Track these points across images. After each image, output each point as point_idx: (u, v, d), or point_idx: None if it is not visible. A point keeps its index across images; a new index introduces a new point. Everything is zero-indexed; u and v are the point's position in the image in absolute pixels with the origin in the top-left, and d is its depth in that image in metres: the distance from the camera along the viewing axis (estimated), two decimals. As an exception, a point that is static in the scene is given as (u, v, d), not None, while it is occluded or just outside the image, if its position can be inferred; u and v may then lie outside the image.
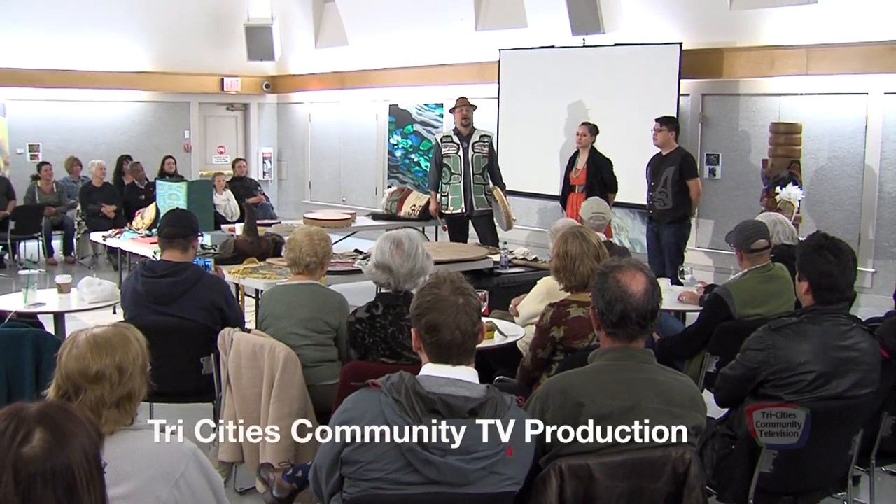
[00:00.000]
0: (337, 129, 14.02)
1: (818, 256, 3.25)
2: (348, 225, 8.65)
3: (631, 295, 2.57)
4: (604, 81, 9.66)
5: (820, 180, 8.47)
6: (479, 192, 8.77)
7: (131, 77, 13.34)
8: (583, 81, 9.86)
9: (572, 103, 9.93)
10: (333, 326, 4.14)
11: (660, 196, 7.85)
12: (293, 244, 4.27)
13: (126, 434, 2.14)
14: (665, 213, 7.86)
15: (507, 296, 5.34)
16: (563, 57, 10.09)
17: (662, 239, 7.94)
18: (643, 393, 2.53)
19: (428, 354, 2.36)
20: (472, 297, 2.39)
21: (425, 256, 3.75)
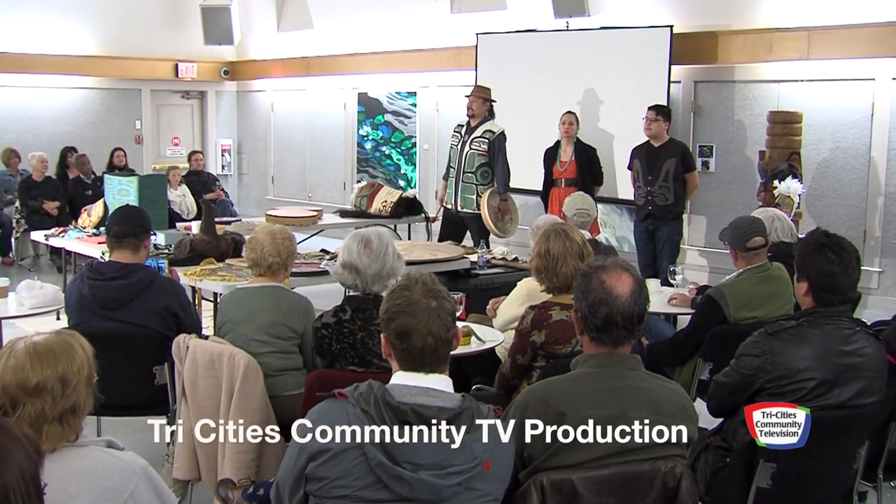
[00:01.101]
0: (302, 119, 13.97)
1: (818, 255, 3.26)
2: (314, 223, 8.63)
3: (616, 297, 2.58)
4: (589, 68, 9.70)
5: (822, 173, 8.53)
6: (467, 192, 8.63)
7: (76, 61, 13.22)
8: (566, 68, 9.89)
9: (555, 91, 9.95)
10: (298, 332, 4.13)
11: (660, 191, 7.86)
12: (254, 244, 4.25)
13: (69, 451, 2.12)
14: (667, 209, 7.89)
15: (485, 298, 5.34)
16: (545, 41, 10.11)
17: (660, 237, 7.95)
18: (630, 402, 2.54)
19: (399, 362, 2.36)
20: (446, 299, 2.39)
21: (396, 257, 3.76)
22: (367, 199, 9.23)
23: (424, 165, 12.21)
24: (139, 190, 7.82)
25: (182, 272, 5.75)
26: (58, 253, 8.95)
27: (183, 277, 5.62)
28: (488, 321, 4.90)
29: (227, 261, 6.16)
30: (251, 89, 14.85)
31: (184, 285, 5.07)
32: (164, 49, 13.94)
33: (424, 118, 12.16)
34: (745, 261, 4.66)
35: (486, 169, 8.56)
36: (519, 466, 2.52)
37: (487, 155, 8.54)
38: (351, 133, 13.17)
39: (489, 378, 4.25)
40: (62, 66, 13.10)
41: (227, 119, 15.18)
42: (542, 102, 10.07)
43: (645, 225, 8.08)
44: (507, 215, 8.67)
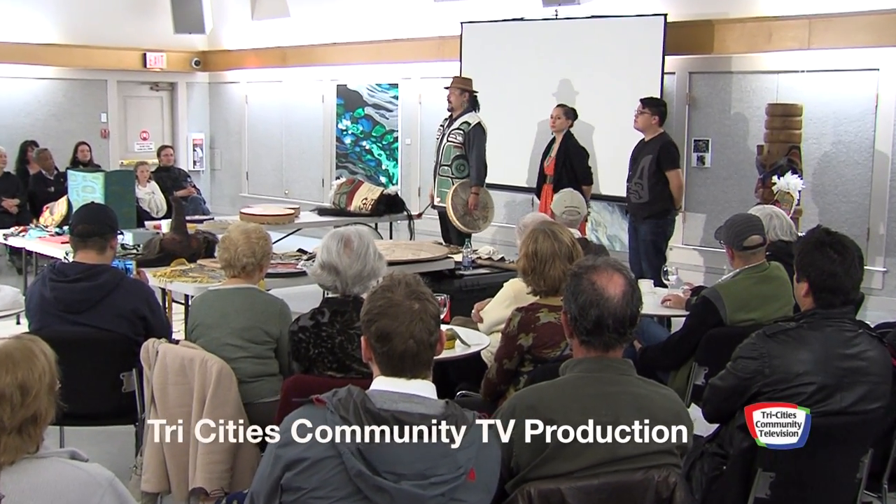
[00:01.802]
0: (278, 112, 13.95)
1: (819, 254, 3.27)
2: (291, 221, 8.62)
3: (607, 299, 2.59)
4: (579, 59, 9.72)
5: (823, 168, 8.57)
6: (443, 186, 8.86)
7: (36, 50, 13.14)
8: (555, 59, 9.91)
9: (543, 83, 9.96)
10: (273, 336, 4.13)
11: (635, 188, 7.91)
12: (228, 243, 4.25)
13: (30, 463, 2.11)
14: (641, 207, 7.91)
15: (470, 300, 5.36)
16: (533, 31, 10.13)
17: (639, 236, 7.99)
18: (622, 408, 2.54)
19: (379, 366, 2.37)
20: (430, 302, 2.40)
21: (377, 257, 3.76)
22: (347, 197, 9.23)
23: (407, 161, 12.21)
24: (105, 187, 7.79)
25: (151, 273, 5.73)
26: (18, 253, 8.90)
27: (152, 279, 5.61)
28: (473, 324, 4.90)
29: (198, 261, 6.14)
30: (224, 81, 14.81)
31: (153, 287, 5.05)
32: (131, 38, 13.89)
33: (406, 111, 12.15)
34: (742, 260, 4.68)
35: (462, 161, 8.71)
36: (505, 476, 2.52)
37: (463, 147, 8.68)
38: (329, 127, 13.16)
39: (474, 384, 4.25)
40: (22, 54, 13.01)
41: (199, 112, 15.13)
42: (530, 95, 10.09)
43: (628, 222, 8.20)
44: (480, 210, 8.75)
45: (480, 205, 8.82)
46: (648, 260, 7.80)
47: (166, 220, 7.71)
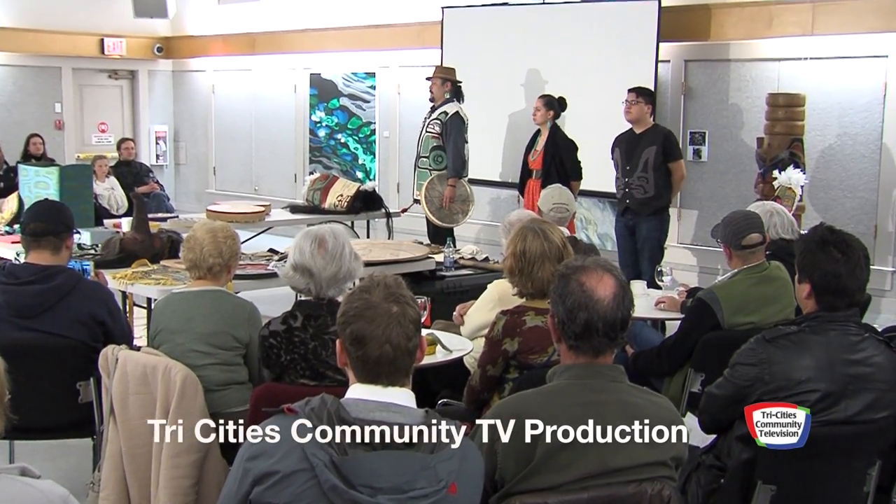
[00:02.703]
0: (247, 102, 13.92)
1: (822, 253, 3.28)
2: (261, 219, 8.60)
3: (597, 301, 2.59)
4: (567, 46, 9.73)
5: (827, 162, 8.61)
6: (421, 178, 8.98)
7: (-16, 35, 13.11)
8: (542, 46, 9.92)
9: (530, 72, 9.99)
10: (242, 342, 4.13)
11: (638, 182, 7.91)
12: (193, 243, 4.24)
13: (-23, 480, 2.10)
14: (645, 203, 7.93)
15: (452, 302, 5.36)
16: (519, 16, 10.15)
17: (640, 234, 8.00)
18: (612, 418, 2.55)
19: (354, 372, 2.37)
20: (410, 306, 2.40)
21: (353, 257, 3.76)
22: (321, 193, 9.22)
23: (385, 155, 12.21)
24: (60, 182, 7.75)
25: (110, 275, 5.71)
26: (-34, 254, 8.84)
27: (111, 281, 5.59)
28: (455, 328, 4.91)
29: (161, 262, 6.13)
30: (189, 69, 14.77)
31: (112, 290, 5.05)
32: (87, 21, 13.81)
33: (384, 102, 12.15)
34: (740, 260, 4.70)
35: (440, 153, 8.85)
36: (489, 490, 2.53)
37: (440, 137, 8.80)
38: (302, 119, 13.14)
39: (457, 391, 4.26)
40: (-33, 40, 12.97)
41: (162, 102, 15.08)
42: (515, 84, 10.11)
43: (624, 220, 8.14)
44: (458, 203, 8.80)
45: (459, 198, 8.87)
46: (652, 260, 7.82)
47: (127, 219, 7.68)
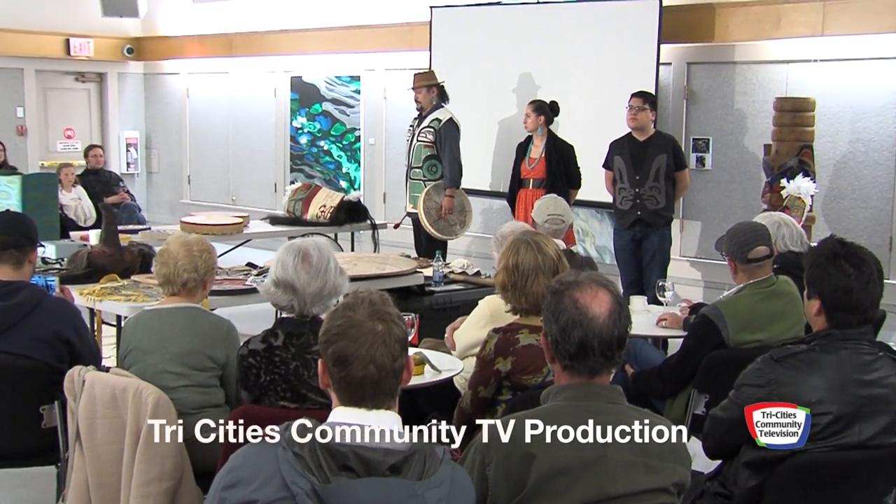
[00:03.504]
0: (224, 107, 13.91)
1: (832, 267, 3.28)
2: (239, 231, 8.60)
3: (592, 318, 2.60)
4: (563, 48, 9.74)
5: (838, 170, 8.62)
6: (415, 190, 9.01)
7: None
8: (536, 48, 9.93)
9: (523, 76, 9.99)
10: (219, 362, 4.14)
11: (651, 192, 7.90)
12: (166, 257, 4.24)
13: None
14: (659, 214, 7.96)
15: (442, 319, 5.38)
16: (512, 16, 10.16)
17: (648, 247, 8.00)
18: (611, 441, 2.56)
19: (337, 394, 2.38)
20: (396, 323, 2.40)
21: (338, 272, 3.76)
22: (303, 204, 9.22)
23: (370, 163, 12.21)
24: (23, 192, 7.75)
25: (77, 291, 5.70)
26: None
27: (78, 297, 5.57)
28: (445, 347, 4.92)
29: (132, 277, 6.12)
30: (161, 71, 14.76)
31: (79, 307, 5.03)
32: (52, 20, 13.77)
33: (370, 107, 12.16)
34: (746, 274, 4.71)
35: (435, 162, 8.90)
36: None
37: (434, 146, 8.85)
38: (283, 125, 13.14)
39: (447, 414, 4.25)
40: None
41: (133, 107, 15.06)
42: (508, 89, 10.11)
43: (631, 233, 8.09)
44: (455, 214, 8.83)
45: (457, 208, 8.91)
46: (663, 272, 7.88)
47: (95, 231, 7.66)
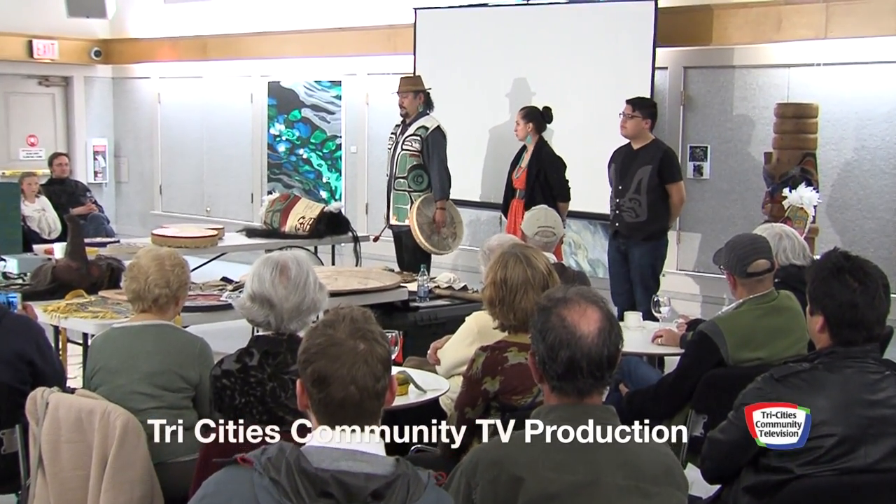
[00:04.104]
0: (197, 114, 13.90)
1: (836, 282, 3.30)
2: (213, 244, 8.60)
3: (580, 337, 2.61)
4: (554, 52, 9.75)
5: (843, 179, 8.63)
6: (399, 201, 8.96)
7: None
8: (526, 51, 9.94)
9: (512, 81, 10.00)
10: (192, 382, 4.14)
11: (630, 204, 7.95)
12: (136, 271, 4.24)
13: None
14: (637, 228, 7.97)
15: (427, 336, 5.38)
16: (500, 18, 10.17)
17: (632, 260, 8.04)
18: (603, 464, 2.57)
19: (316, 416, 2.38)
20: (379, 343, 2.41)
21: (317, 287, 3.77)
22: (281, 215, 9.22)
23: (352, 172, 12.20)
24: (-17, 203, 7.73)
25: (41, 308, 5.69)
26: None
27: (42, 315, 5.56)
28: (430, 365, 4.91)
29: (100, 293, 6.11)
30: (131, 75, 14.74)
31: (43, 325, 5.02)
32: (13, 21, 13.70)
33: (351, 114, 12.16)
34: (745, 289, 4.72)
35: (420, 172, 8.86)
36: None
37: (420, 155, 8.81)
38: (259, 132, 13.13)
39: (432, 436, 4.26)
40: None
41: (101, 113, 15.03)
42: (495, 94, 10.10)
43: (616, 244, 8.20)
44: (447, 227, 8.83)
45: (448, 220, 8.88)
46: (646, 288, 7.85)
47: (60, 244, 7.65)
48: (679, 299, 8.52)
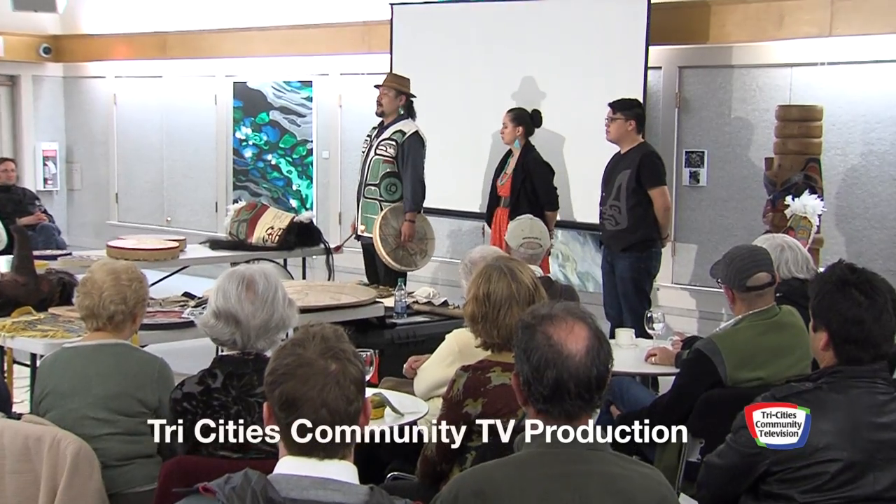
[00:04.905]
0: (157, 116, 13.87)
1: (841, 296, 3.32)
2: (174, 257, 8.58)
3: (567, 356, 2.61)
4: (539, 50, 9.77)
5: (849, 186, 8.67)
6: (369, 211, 8.89)
7: None
8: (510, 50, 9.95)
9: (496, 82, 9.99)
10: (150, 406, 4.12)
11: (610, 212, 7.98)
12: (90, 286, 4.23)
13: None
14: (616, 237, 8.01)
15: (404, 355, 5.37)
16: (482, 15, 10.20)
17: (618, 272, 8.06)
18: (592, 493, 2.57)
19: (285, 442, 2.37)
20: (352, 363, 2.41)
21: (286, 303, 3.76)
22: (248, 225, 9.21)
23: (324, 179, 12.19)
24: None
25: (-14, 326, 5.68)
26: None
27: (-13, 333, 5.55)
28: (408, 387, 4.91)
29: (50, 310, 6.09)
30: (84, 74, 14.69)
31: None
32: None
33: (323, 116, 12.16)
34: (745, 304, 4.73)
35: (394, 181, 8.80)
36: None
37: (395, 161, 8.75)
38: (224, 136, 13.11)
39: (409, 463, 4.26)
40: None
41: (51, 115, 14.97)
42: (478, 96, 10.10)
43: (604, 255, 8.28)
44: (416, 242, 8.78)
45: (417, 235, 8.83)
46: (629, 303, 7.87)
47: (6, 257, 7.63)
48: (674, 315, 8.55)
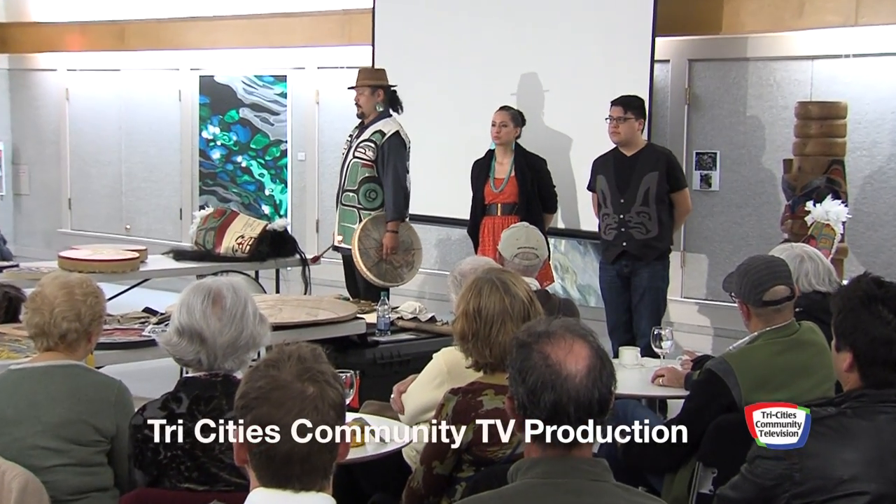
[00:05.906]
0: (115, 113, 13.87)
1: (867, 313, 3.33)
2: (134, 269, 8.57)
3: (566, 377, 2.61)
4: (537, 42, 9.79)
5: (876, 191, 8.68)
6: (346, 219, 8.87)
7: None
8: (503, 43, 9.96)
9: (488, 77, 10.01)
10: (107, 434, 4.12)
11: (638, 219, 7.95)
12: (40, 302, 4.22)
13: None
14: (648, 245, 8.01)
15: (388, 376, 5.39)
16: (473, 3, 10.22)
17: (638, 283, 8.04)
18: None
19: (256, 472, 2.38)
20: (331, 385, 2.41)
21: (257, 319, 3.76)
22: (215, 234, 9.20)
23: (300, 184, 12.19)
24: None
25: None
26: None
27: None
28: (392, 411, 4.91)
29: (-4, 328, 6.09)
30: (33, 67, 14.69)
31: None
32: None
33: (299, 115, 12.17)
34: (761, 320, 4.73)
35: (374, 186, 8.77)
36: None
37: (374, 165, 8.74)
38: (189, 136, 13.11)
39: (394, 496, 4.25)
40: None
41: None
42: (468, 93, 10.11)
43: (616, 268, 8.16)
44: (401, 254, 8.77)
45: (403, 246, 8.80)
46: (655, 317, 7.89)
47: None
48: (683, 332, 8.56)
